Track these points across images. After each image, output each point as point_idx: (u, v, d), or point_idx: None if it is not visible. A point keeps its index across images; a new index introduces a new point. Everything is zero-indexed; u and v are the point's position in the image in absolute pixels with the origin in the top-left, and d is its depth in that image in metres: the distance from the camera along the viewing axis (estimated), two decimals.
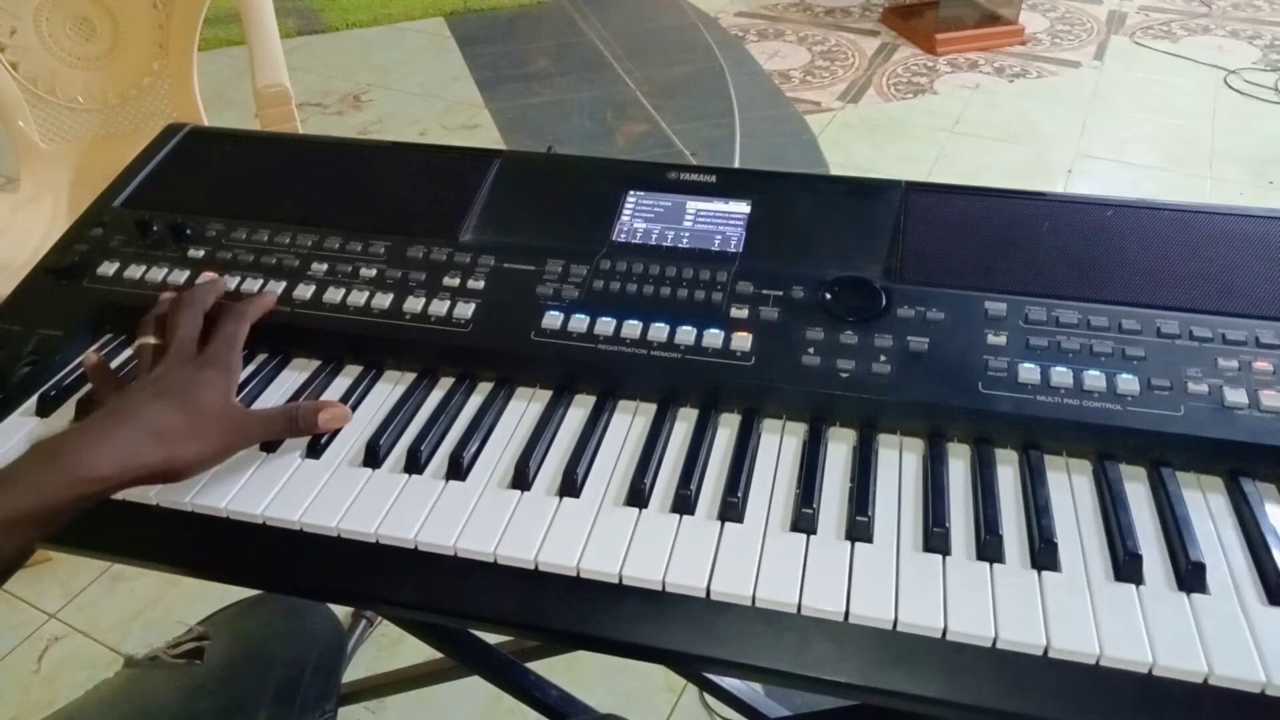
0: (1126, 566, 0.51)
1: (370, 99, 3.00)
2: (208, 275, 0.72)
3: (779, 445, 0.60)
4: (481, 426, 0.62)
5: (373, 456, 0.60)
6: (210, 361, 0.60)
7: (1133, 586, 0.50)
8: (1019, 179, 2.47)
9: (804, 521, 0.54)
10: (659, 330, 0.64)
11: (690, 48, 3.30)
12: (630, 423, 0.63)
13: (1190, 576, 0.50)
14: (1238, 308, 0.62)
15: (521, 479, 0.58)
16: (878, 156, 2.61)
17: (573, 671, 1.25)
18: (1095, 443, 0.58)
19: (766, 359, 0.62)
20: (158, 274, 0.72)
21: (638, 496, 0.57)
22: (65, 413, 0.64)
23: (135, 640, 1.39)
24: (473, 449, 0.60)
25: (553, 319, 0.66)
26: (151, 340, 0.62)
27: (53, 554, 1.11)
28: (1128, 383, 0.58)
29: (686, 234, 0.72)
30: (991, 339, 0.62)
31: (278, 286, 0.70)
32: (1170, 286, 0.64)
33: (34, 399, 0.65)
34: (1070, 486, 0.57)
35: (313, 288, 0.70)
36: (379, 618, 1.38)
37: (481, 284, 0.69)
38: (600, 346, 0.64)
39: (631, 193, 0.75)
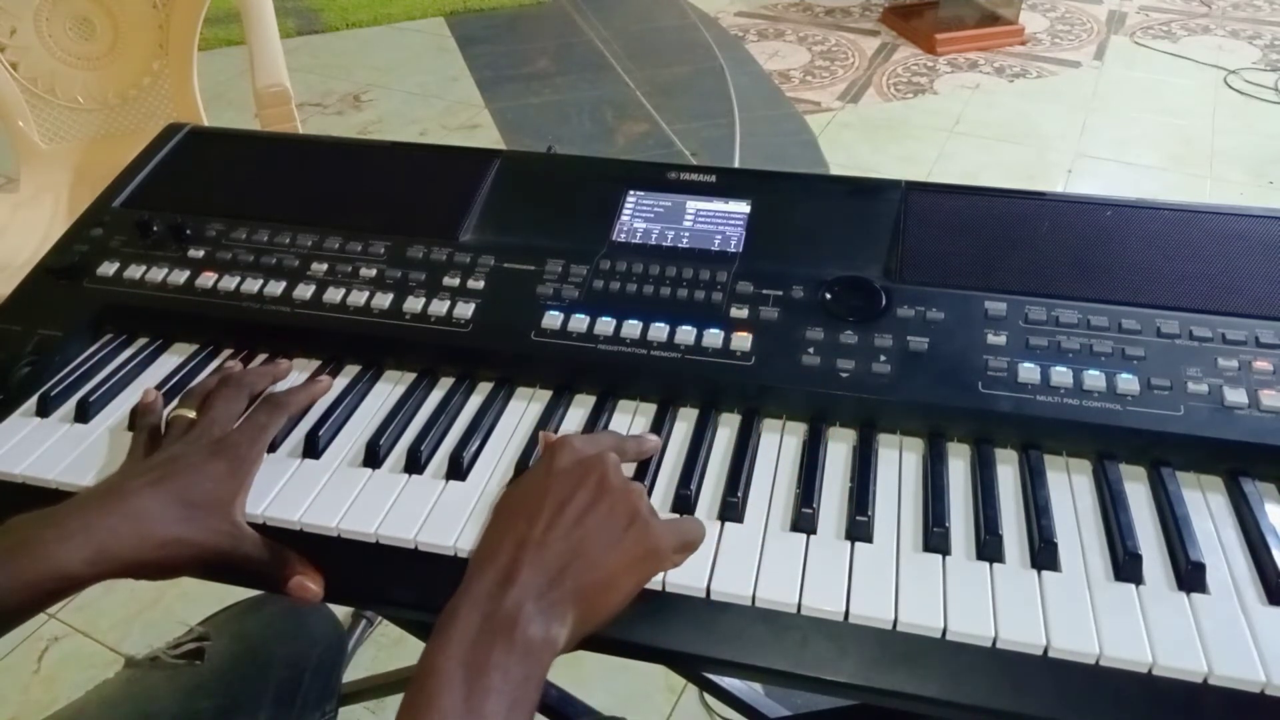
0: (1126, 566, 0.51)
1: (370, 99, 3.00)
2: (268, 362, 0.68)
3: (779, 445, 0.60)
4: (481, 426, 0.62)
5: (373, 456, 0.60)
6: (225, 451, 0.55)
7: (1133, 586, 0.50)
8: (1019, 179, 2.47)
9: (804, 521, 0.54)
10: (659, 330, 0.64)
11: (690, 48, 3.30)
12: (630, 423, 0.63)
13: (1190, 576, 0.50)
14: (1238, 308, 0.62)
15: None
16: (878, 156, 2.61)
17: (572, 671, 1.25)
18: (1095, 443, 0.58)
19: (766, 359, 0.62)
20: (158, 274, 0.72)
21: None
22: (65, 413, 0.64)
23: (135, 640, 1.39)
24: (473, 449, 0.60)
25: (553, 319, 0.66)
26: (188, 414, 0.59)
27: None
28: (1128, 382, 0.58)
29: (686, 234, 0.72)
30: (991, 339, 0.62)
31: (278, 286, 0.70)
32: (1170, 286, 0.64)
33: (34, 399, 0.65)
34: (1070, 486, 0.57)
35: (313, 288, 0.70)
36: (379, 618, 1.38)
37: (481, 284, 0.69)
38: (600, 346, 0.64)
39: (631, 193, 0.75)
